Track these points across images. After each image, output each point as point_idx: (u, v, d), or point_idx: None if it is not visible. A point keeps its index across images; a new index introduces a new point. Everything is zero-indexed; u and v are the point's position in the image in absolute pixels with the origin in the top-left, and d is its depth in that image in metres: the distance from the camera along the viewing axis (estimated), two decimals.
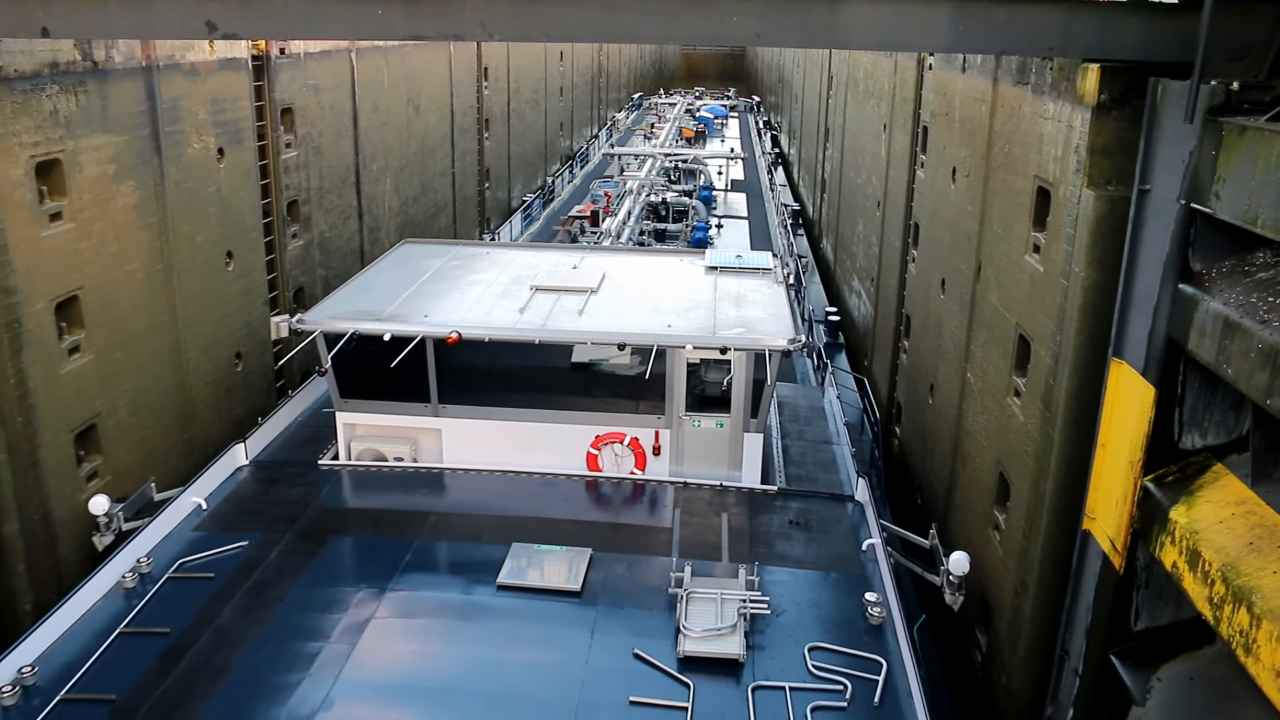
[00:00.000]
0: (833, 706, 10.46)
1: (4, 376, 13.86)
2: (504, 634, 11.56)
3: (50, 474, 14.88)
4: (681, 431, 15.82)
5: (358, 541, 13.78)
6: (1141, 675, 10.30)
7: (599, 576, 12.68)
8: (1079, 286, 11.64)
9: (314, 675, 10.72)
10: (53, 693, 10.34)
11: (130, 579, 12.30)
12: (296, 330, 15.63)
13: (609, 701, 10.48)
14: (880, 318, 25.34)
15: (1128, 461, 10.44)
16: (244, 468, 15.63)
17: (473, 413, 15.94)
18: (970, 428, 16.05)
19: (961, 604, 13.10)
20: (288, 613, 11.86)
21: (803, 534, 13.99)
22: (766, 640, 11.48)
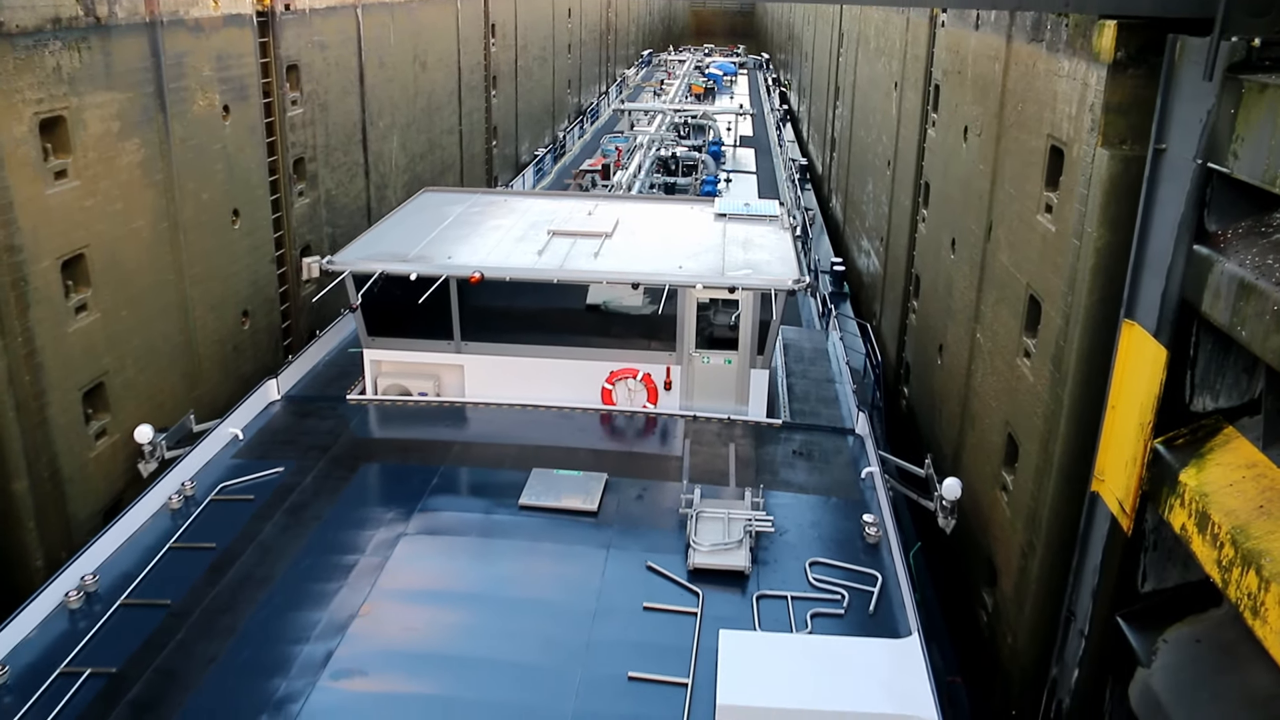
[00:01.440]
0: (831, 614, 11.33)
1: (11, 335, 13.86)
2: (525, 549, 12.43)
3: (59, 432, 14.92)
4: (691, 367, 16.66)
5: (386, 468, 14.59)
6: (1147, 637, 10.29)
7: (614, 499, 13.54)
8: (1091, 247, 11.53)
9: (351, 584, 11.62)
10: (113, 598, 11.29)
11: (176, 501, 13.25)
12: (327, 270, 16.21)
13: (624, 607, 11.37)
14: (889, 277, 25.21)
15: (1138, 423, 10.38)
16: (276, 402, 16.47)
17: (494, 350, 16.76)
18: (979, 388, 15.98)
19: (954, 528, 13.76)
20: (324, 530, 12.75)
21: (805, 463, 14.82)
22: (770, 556, 12.34)
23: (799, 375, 18.89)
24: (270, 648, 10.73)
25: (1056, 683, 12.03)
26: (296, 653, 10.60)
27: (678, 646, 10.79)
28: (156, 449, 14.77)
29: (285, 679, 10.23)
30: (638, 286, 16.32)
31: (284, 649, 10.67)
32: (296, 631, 10.92)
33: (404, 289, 15.98)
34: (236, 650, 10.62)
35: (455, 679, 10.39)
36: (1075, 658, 11.55)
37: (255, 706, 9.84)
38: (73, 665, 10.30)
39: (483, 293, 16.21)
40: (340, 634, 10.84)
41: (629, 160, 35.84)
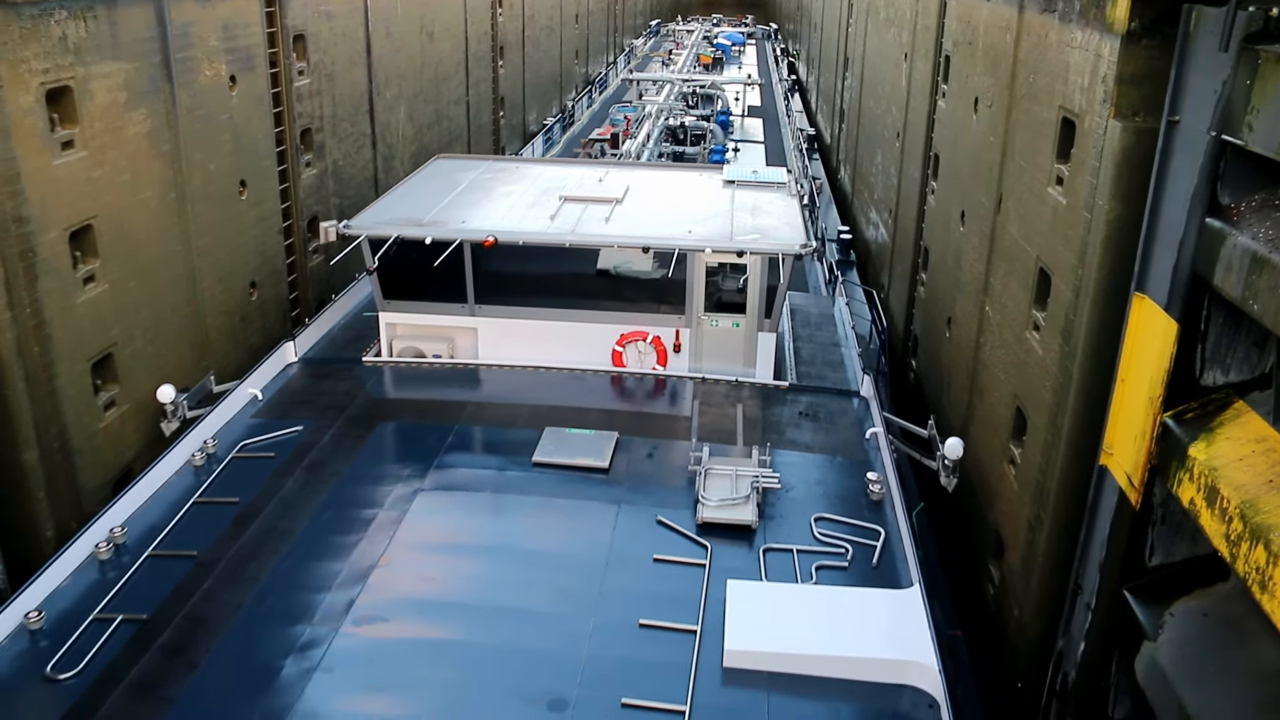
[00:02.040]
0: (835, 567, 11.77)
1: (20, 306, 13.86)
2: (539, 504, 12.89)
3: (68, 403, 14.95)
4: (700, 330, 17.04)
5: (402, 426, 15.08)
6: (1154, 610, 10.30)
7: (624, 457, 13.97)
8: (1102, 219, 11.45)
9: (370, 537, 12.06)
10: (140, 550, 11.75)
11: (199, 458, 13.71)
12: (343, 235, 16.54)
13: (635, 559, 11.82)
14: (898, 249, 25.12)
15: (1147, 397, 10.35)
16: (293, 364, 16.94)
17: (507, 313, 17.17)
18: (988, 361, 15.95)
19: (955, 486, 14.21)
20: (343, 486, 13.18)
21: (811, 424, 15.25)
22: (776, 511, 12.77)
23: (805, 339, 19.27)
24: (294, 596, 11.11)
25: (1063, 655, 12.07)
26: (319, 601, 11.03)
27: (687, 596, 11.16)
28: (178, 408, 15.23)
29: (309, 625, 10.66)
30: (648, 250, 16.52)
31: (307, 597, 11.09)
32: (318, 581, 11.35)
33: (418, 253, 16.32)
34: (261, 598, 11.07)
35: (472, 625, 10.80)
36: (1082, 631, 11.57)
37: (281, 651, 10.28)
38: (105, 612, 10.70)
39: (496, 257, 16.57)
40: (361, 583, 11.27)
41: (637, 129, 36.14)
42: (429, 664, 10.27)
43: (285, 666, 10.10)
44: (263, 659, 10.19)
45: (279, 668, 10.09)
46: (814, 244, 16.53)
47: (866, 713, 9.85)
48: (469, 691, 9.94)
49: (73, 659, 10.09)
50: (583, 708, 9.74)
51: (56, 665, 10.03)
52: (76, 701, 9.62)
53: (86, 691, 9.74)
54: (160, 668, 10.06)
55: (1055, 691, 12.19)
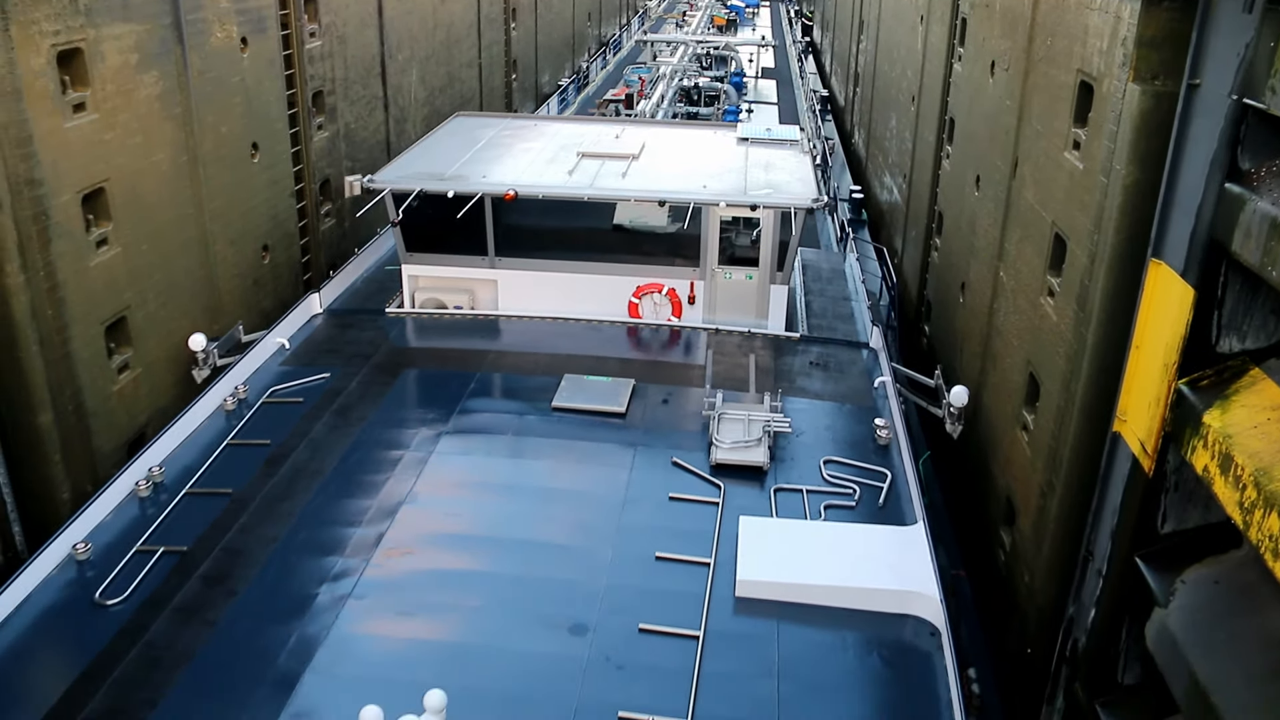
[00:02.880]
0: (843, 506, 12.31)
1: (34, 269, 13.90)
2: (558, 447, 13.47)
3: (82, 366, 15.02)
4: (714, 283, 17.58)
5: (426, 373, 15.68)
6: (1166, 577, 10.29)
7: (641, 402, 14.55)
8: (1119, 185, 11.34)
9: (398, 476, 12.65)
10: (178, 488, 12.37)
11: (230, 403, 14.27)
12: (368, 189, 16.98)
13: (651, 497, 12.39)
14: (912, 214, 24.96)
15: (1162, 364, 10.28)
16: (318, 315, 17.52)
17: (526, 265, 17.69)
18: (1001, 327, 15.87)
19: (960, 433, 14.78)
20: (370, 429, 13.74)
21: (821, 373, 15.80)
22: (787, 454, 13.29)
23: (817, 294, 19.85)
24: (326, 530, 11.69)
25: (1073, 622, 12.07)
26: (350, 534, 11.60)
27: (701, 532, 11.71)
28: (209, 357, 15.70)
29: (340, 557, 11.24)
30: (664, 204, 17.00)
31: (338, 531, 11.68)
32: (349, 516, 11.92)
33: (440, 207, 16.79)
34: (295, 532, 11.65)
35: (496, 557, 11.34)
36: (1093, 597, 11.57)
37: (314, 580, 10.88)
38: (147, 544, 11.32)
39: (515, 211, 17.18)
40: (389, 518, 11.85)
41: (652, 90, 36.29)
42: (456, 592, 10.78)
43: (319, 594, 10.68)
44: (298, 587, 10.78)
45: (313, 595, 10.66)
46: (825, 198, 16.88)
47: (871, 640, 10.34)
48: (494, 617, 10.45)
49: (119, 587, 10.68)
50: (602, 632, 10.27)
51: (104, 592, 10.63)
52: (124, 625, 10.20)
53: (132, 616, 10.32)
54: (201, 595, 10.64)
55: (1065, 657, 12.21)
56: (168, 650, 9.96)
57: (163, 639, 10.08)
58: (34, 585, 10.77)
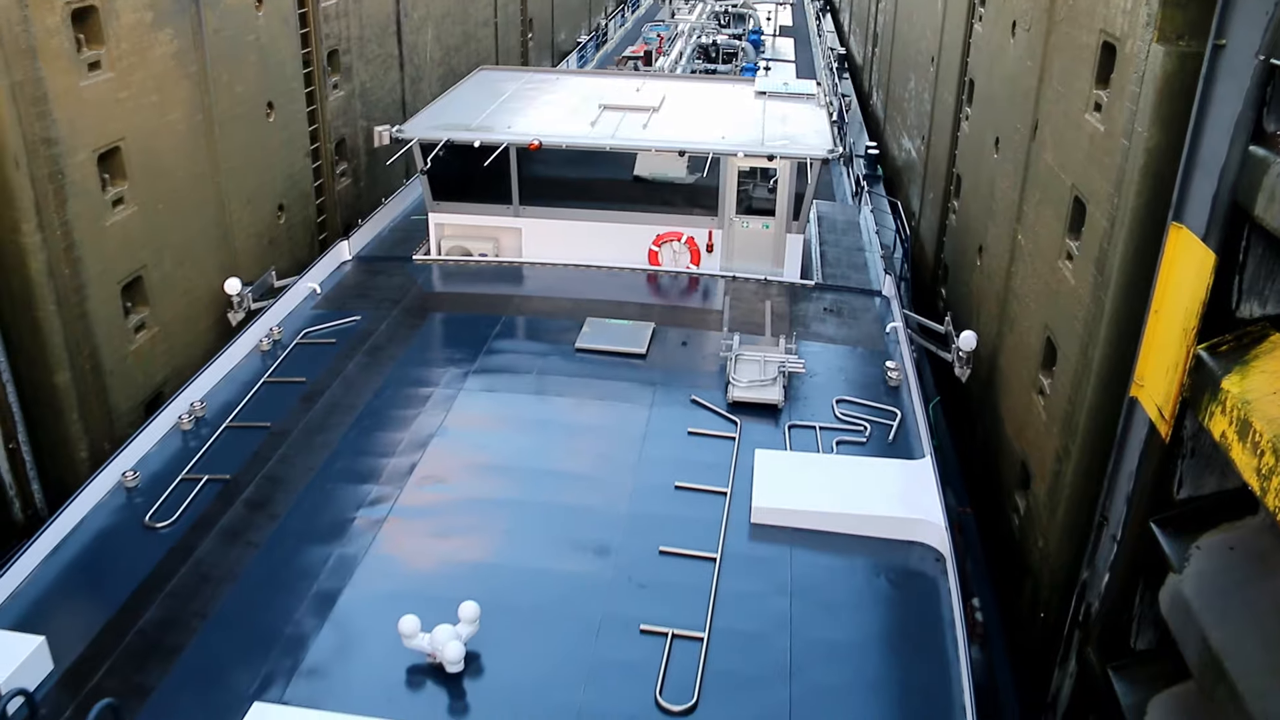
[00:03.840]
0: (853, 442, 12.93)
1: (50, 229, 13.93)
2: (582, 385, 14.12)
3: (99, 325, 15.08)
4: (732, 232, 18.16)
5: (453, 317, 16.39)
6: (1181, 543, 10.26)
7: (661, 344, 15.22)
8: (1141, 147, 11.20)
9: (427, 412, 13.33)
10: (219, 422, 13.06)
11: (265, 343, 15.02)
12: (396, 139, 17.57)
13: (671, 432, 13.04)
14: (930, 176, 24.75)
15: (1181, 329, 10.19)
16: (348, 262, 18.22)
17: (549, 214, 18.31)
18: (1019, 290, 15.76)
19: (968, 377, 15.45)
20: (400, 368, 14.44)
21: (835, 319, 16.40)
22: (801, 393, 13.95)
23: (831, 244, 20.42)
24: (361, 460, 12.39)
25: (1086, 586, 12.07)
26: (384, 465, 12.28)
27: (718, 464, 12.34)
28: (244, 300, 16.44)
29: (376, 485, 11.93)
30: (683, 154, 17.54)
31: (373, 461, 12.37)
32: (383, 448, 12.60)
33: (466, 158, 17.48)
34: (331, 462, 12.35)
35: (523, 486, 12.00)
36: (1107, 562, 11.56)
37: (352, 505, 11.56)
38: (192, 473, 12.05)
39: (539, 161, 17.80)
40: (421, 450, 12.53)
41: (670, 48, 36.54)
42: (486, 517, 11.42)
43: (356, 519, 11.36)
44: (336, 512, 11.46)
45: (350, 519, 11.35)
46: (840, 149, 17.49)
47: (879, 565, 10.91)
48: (523, 540, 11.08)
49: (166, 511, 11.40)
50: (624, 553, 10.90)
51: (153, 516, 11.35)
52: (173, 546, 10.91)
53: (181, 538, 11.03)
54: (245, 519, 11.34)
55: (1078, 622, 12.22)
56: (215, 568, 10.63)
57: (210, 558, 10.76)
58: (87, 510, 11.45)
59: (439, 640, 9.29)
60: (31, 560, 10.61)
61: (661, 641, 9.77)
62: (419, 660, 9.45)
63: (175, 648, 9.68)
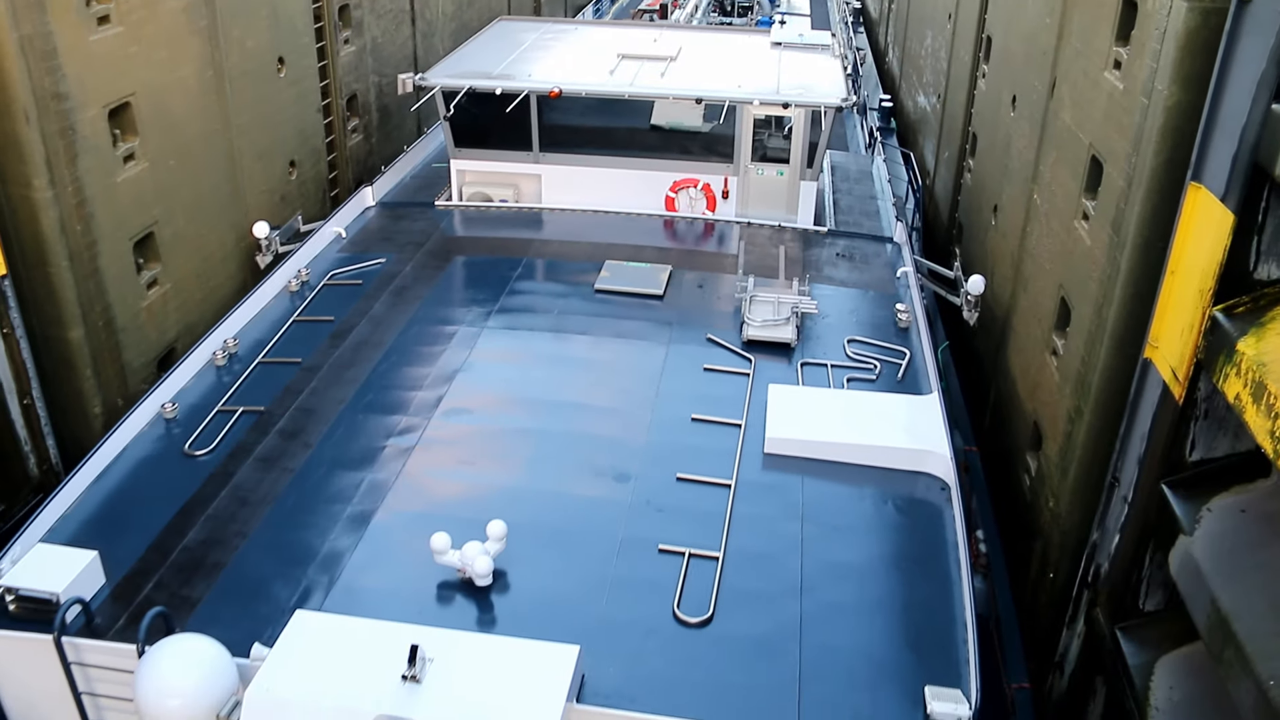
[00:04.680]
0: (864, 379, 13.45)
1: (61, 184, 13.90)
2: (601, 324, 14.70)
3: (111, 281, 15.10)
4: (747, 179, 18.61)
5: (476, 259, 16.86)
6: (1192, 505, 10.24)
7: (677, 286, 15.75)
8: (1161, 105, 11.05)
9: (453, 348, 13.96)
10: (251, 358, 13.63)
11: (294, 284, 15.54)
12: (419, 86, 18.02)
13: (687, 368, 13.59)
14: (945, 135, 24.52)
15: (1197, 290, 10.11)
16: (371, 207, 18.73)
17: (569, 160, 18.77)
18: (1033, 250, 15.66)
19: (976, 320, 15.76)
20: (426, 307, 15.01)
21: (847, 263, 16.94)
22: (813, 333, 14.46)
23: (844, 192, 20.70)
24: (389, 393, 12.97)
25: (1096, 547, 12.08)
26: (412, 397, 12.87)
27: (733, 398, 12.90)
28: (271, 244, 16.62)
29: (404, 416, 12.51)
30: (700, 102, 17.86)
31: (401, 394, 12.95)
32: (410, 382, 13.20)
33: (487, 105, 17.90)
34: (361, 394, 12.93)
35: (546, 417, 12.54)
36: (1117, 524, 11.56)
37: (382, 434, 12.16)
38: (228, 405, 12.62)
39: (559, 110, 18.30)
40: (447, 384, 13.14)
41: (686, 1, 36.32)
42: (511, 446, 12.00)
43: (386, 447, 11.95)
44: (367, 440, 12.07)
45: (381, 447, 11.95)
46: (854, 98, 17.82)
47: (886, 493, 11.41)
48: (546, 467, 11.66)
49: (205, 440, 12.01)
50: (643, 480, 11.45)
51: (193, 444, 11.94)
52: (213, 472, 11.50)
53: (220, 464, 11.62)
54: (279, 447, 11.94)
55: (1087, 583, 12.24)
56: (253, 492, 11.23)
57: (248, 483, 11.35)
58: (129, 440, 11.97)
59: (468, 556, 9.81)
60: (80, 484, 11.16)
61: (679, 560, 10.29)
62: (450, 575, 9.99)
63: (218, 564, 10.25)
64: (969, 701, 8.78)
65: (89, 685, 9.30)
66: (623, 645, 9.38)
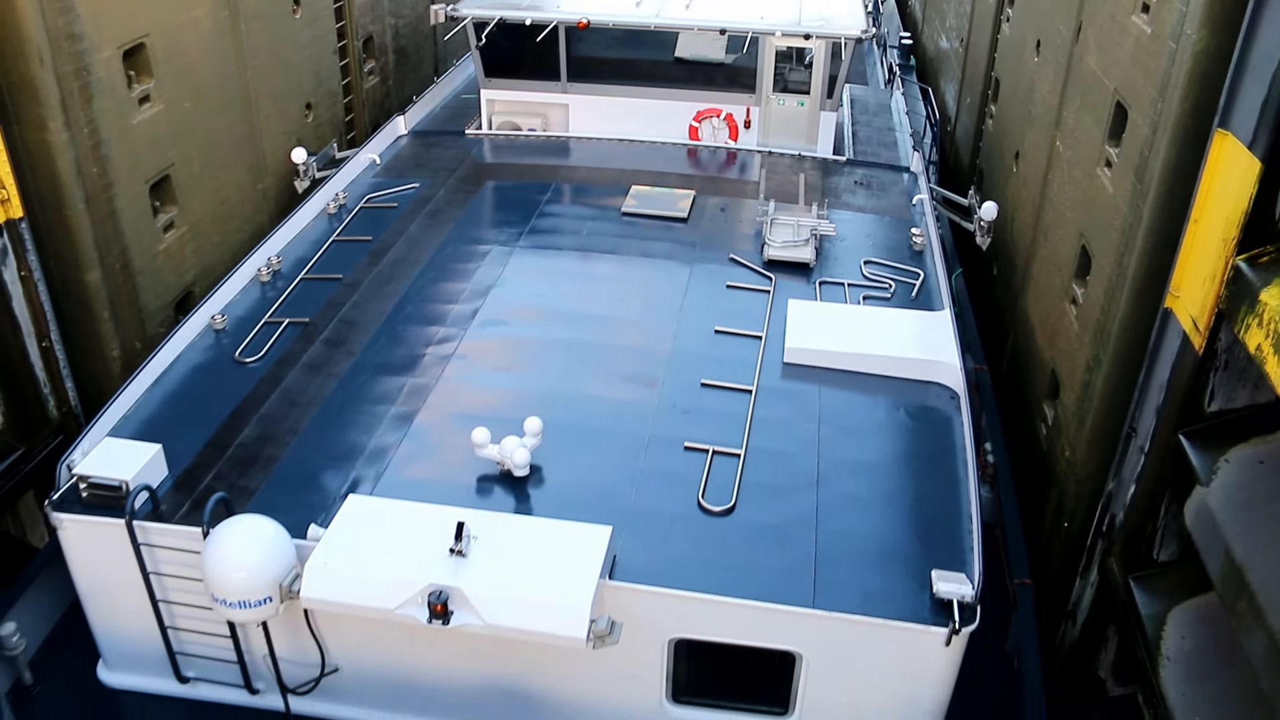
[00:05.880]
0: (879, 297, 14.20)
1: (77, 126, 13.85)
2: (628, 244, 15.44)
3: (127, 224, 15.09)
4: (768, 109, 19.39)
5: (506, 184, 17.58)
6: (1209, 456, 10.19)
7: (701, 210, 16.53)
8: (1189, 50, 10.83)
9: (486, 266, 14.77)
10: (294, 274, 14.41)
11: (332, 207, 16.32)
12: (451, 17, 18.69)
13: (710, 285, 14.37)
14: (968, 79, 24.19)
15: (1221, 239, 9.98)
16: (404, 136, 19.58)
17: (596, 90, 19.56)
18: (1055, 198, 15.48)
19: (989, 246, 16.75)
20: (459, 228, 15.81)
21: (865, 191, 17.62)
22: (831, 255, 15.28)
23: (863, 124, 21.48)
24: (427, 306, 13.77)
25: (1112, 497, 12.06)
26: (449, 310, 13.68)
27: (754, 312, 13.68)
28: (308, 169, 17.72)
29: (442, 326, 13.34)
30: (723, 33, 18.62)
31: (438, 307, 13.74)
32: (447, 296, 14.00)
33: (517, 36, 18.59)
34: (400, 307, 13.73)
35: (577, 328, 13.37)
36: (1134, 474, 11.52)
37: (421, 343, 12.98)
38: (274, 317, 13.40)
39: (586, 42, 19.10)
40: (482, 298, 13.93)
41: None
42: (544, 353, 12.79)
43: (426, 354, 12.77)
44: (408, 349, 12.88)
45: (421, 355, 12.76)
46: (874, 30, 18.54)
47: (899, 401, 12.12)
48: (578, 372, 12.44)
49: (254, 349, 12.77)
50: (669, 385, 12.23)
51: (242, 352, 12.72)
52: (263, 377, 12.29)
53: (269, 370, 12.41)
54: (325, 354, 12.73)
55: (1102, 532, 12.24)
56: (302, 394, 12.01)
57: (297, 386, 12.13)
58: (182, 348, 12.74)
59: (507, 449, 10.54)
60: (139, 387, 11.90)
61: (703, 457, 11.04)
62: (489, 468, 10.75)
63: (272, 458, 11.02)
64: (972, 583, 9.38)
65: (155, 566, 10.14)
66: (651, 530, 10.11)
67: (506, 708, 10.48)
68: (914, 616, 9.28)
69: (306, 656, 10.44)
